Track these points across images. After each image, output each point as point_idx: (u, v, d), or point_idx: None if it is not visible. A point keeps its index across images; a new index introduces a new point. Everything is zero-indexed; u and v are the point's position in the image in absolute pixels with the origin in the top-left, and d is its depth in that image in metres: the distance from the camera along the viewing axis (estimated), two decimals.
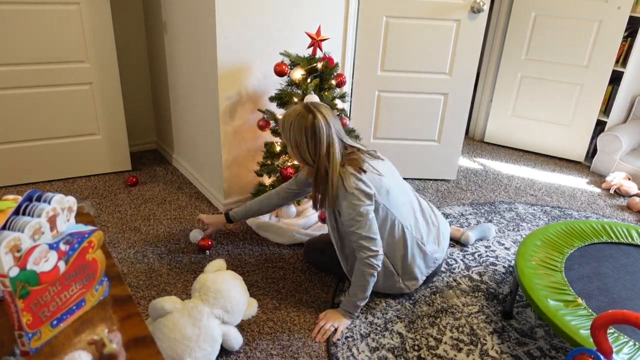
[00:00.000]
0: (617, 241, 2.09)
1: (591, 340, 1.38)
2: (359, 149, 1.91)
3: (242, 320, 1.79)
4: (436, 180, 3.21)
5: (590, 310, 1.67)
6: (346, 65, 2.79)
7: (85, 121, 2.85)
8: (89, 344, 0.97)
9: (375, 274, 1.87)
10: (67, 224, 1.08)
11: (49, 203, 1.03)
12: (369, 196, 1.81)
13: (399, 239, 1.96)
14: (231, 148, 2.54)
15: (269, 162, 2.43)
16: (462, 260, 2.38)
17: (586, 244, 2.06)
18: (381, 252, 1.86)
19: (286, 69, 2.29)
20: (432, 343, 1.86)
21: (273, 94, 2.37)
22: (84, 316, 1.10)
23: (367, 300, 1.93)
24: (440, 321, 1.97)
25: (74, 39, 2.64)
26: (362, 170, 1.82)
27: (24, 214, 1.02)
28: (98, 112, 2.86)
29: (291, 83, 2.32)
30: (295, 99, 2.30)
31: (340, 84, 2.37)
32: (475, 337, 1.90)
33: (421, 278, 2.05)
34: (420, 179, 3.20)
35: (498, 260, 2.40)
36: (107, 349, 0.92)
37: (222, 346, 1.68)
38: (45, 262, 0.97)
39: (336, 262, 2.09)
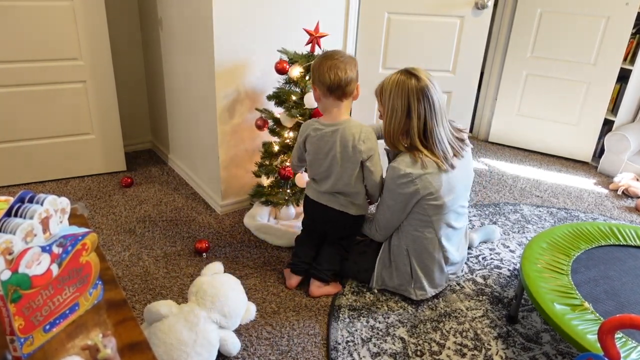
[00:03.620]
0: (625, 243, 2.07)
1: (598, 345, 1.35)
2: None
3: (240, 324, 1.77)
4: None
5: (597, 314, 1.65)
6: None
7: (78, 120, 2.83)
8: (82, 349, 0.98)
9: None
10: (60, 226, 1.08)
11: (42, 204, 1.04)
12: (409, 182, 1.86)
13: (430, 250, 1.98)
14: (228, 148, 2.52)
15: (267, 162, 2.41)
16: (465, 263, 2.36)
17: (593, 246, 2.04)
18: (385, 237, 2.05)
19: (287, 66, 2.27)
20: (435, 348, 1.84)
21: (271, 93, 2.35)
22: (78, 321, 1.10)
23: None
24: (443, 326, 1.95)
25: (67, 36, 2.62)
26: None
27: (15, 215, 1.02)
28: (92, 111, 2.84)
29: (289, 81, 2.30)
30: (294, 97, 2.27)
31: None
32: (480, 342, 1.88)
33: (430, 292, 2.06)
34: None
35: (503, 263, 2.38)
36: (102, 355, 0.92)
37: (219, 351, 1.66)
38: (37, 265, 0.97)
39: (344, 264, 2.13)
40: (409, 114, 1.84)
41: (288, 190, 2.41)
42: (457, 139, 1.96)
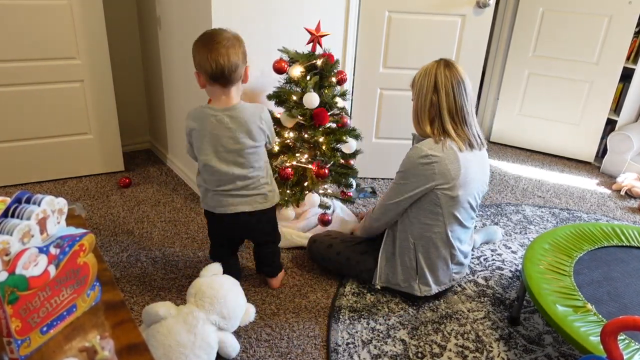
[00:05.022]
0: (628, 244, 2.06)
1: (601, 347, 1.33)
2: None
3: (239, 326, 1.75)
4: None
5: (600, 316, 1.63)
6: (347, 62, 2.75)
7: (76, 120, 2.81)
8: (80, 351, 0.96)
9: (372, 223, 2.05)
10: (58, 227, 1.07)
11: (39, 205, 1.02)
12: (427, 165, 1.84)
13: (437, 245, 1.96)
14: None
15: None
16: None
17: (596, 247, 2.02)
18: (379, 227, 2.03)
19: (285, 66, 2.25)
20: (436, 350, 1.82)
21: (271, 92, 2.32)
22: (75, 322, 1.09)
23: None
24: (444, 327, 1.94)
25: (64, 35, 2.60)
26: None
27: (12, 216, 1.01)
28: (89, 111, 2.82)
29: (290, 80, 2.28)
30: (294, 97, 2.25)
31: (340, 82, 2.33)
32: (481, 344, 1.86)
33: (434, 289, 2.03)
34: None
35: (505, 265, 2.36)
36: (99, 357, 0.91)
37: (218, 353, 1.65)
38: (34, 266, 0.96)
39: (343, 258, 2.10)
40: (435, 89, 1.85)
41: (288, 191, 2.39)
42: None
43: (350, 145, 2.35)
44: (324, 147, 2.29)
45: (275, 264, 2.10)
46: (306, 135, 2.31)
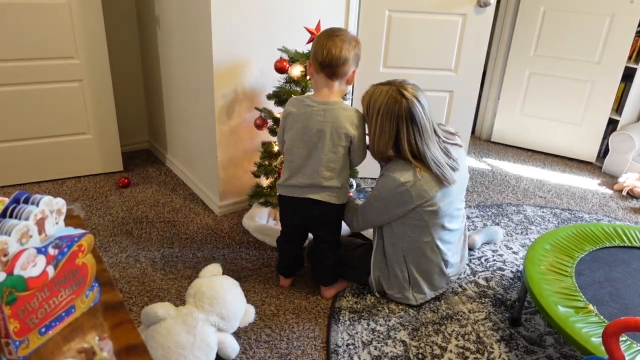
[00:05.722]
0: (629, 245, 2.05)
1: (602, 348, 1.34)
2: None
3: (239, 327, 1.75)
4: None
5: (601, 317, 1.63)
6: None
7: (75, 120, 2.80)
8: (78, 353, 0.95)
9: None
10: (56, 227, 1.06)
11: (37, 205, 1.02)
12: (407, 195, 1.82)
13: (427, 255, 1.96)
14: (227, 148, 2.50)
15: (266, 162, 2.38)
16: (468, 264, 2.33)
17: (597, 248, 2.02)
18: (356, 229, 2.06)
19: (287, 65, 2.24)
20: (437, 351, 1.82)
21: (271, 92, 2.32)
22: (74, 323, 1.08)
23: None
24: (445, 328, 1.93)
25: (63, 34, 2.59)
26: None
27: (11, 216, 1.00)
28: (88, 111, 2.82)
29: (290, 80, 2.27)
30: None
31: None
32: (482, 345, 1.86)
33: (429, 294, 2.04)
34: None
35: (505, 265, 2.35)
36: (98, 358, 0.90)
37: (217, 354, 1.65)
38: (33, 266, 0.95)
39: (342, 259, 2.09)
40: (397, 137, 1.80)
41: None
42: (450, 143, 1.92)
43: None
44: None
45: (323, 270, 2.06)
46: None
